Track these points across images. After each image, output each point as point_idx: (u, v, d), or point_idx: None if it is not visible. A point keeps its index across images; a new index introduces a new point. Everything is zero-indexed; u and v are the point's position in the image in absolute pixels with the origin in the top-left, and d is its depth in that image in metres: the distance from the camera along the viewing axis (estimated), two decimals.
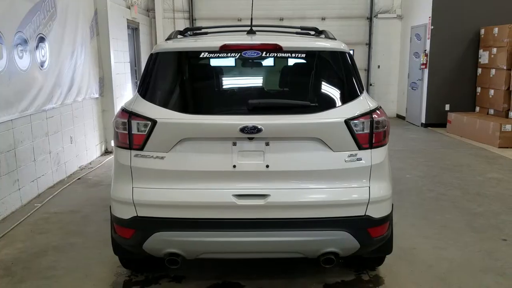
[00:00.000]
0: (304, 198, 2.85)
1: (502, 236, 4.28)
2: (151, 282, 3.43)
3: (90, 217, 4.79)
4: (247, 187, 2.82)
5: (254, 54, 2.96)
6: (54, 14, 5.87)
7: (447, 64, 10.14)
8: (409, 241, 4.12)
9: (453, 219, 4.70)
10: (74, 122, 6.60)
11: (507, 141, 8.19)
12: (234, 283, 3.40)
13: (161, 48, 3.11)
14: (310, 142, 2.84)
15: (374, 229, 2.91)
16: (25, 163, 5.17)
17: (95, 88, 7.39)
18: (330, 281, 3.44)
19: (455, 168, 6.80)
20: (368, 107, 2.90)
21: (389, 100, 12.11)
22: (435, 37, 10.04)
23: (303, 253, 2.97)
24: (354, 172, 2.86)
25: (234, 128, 2.74)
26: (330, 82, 3.15)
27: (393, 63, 12.06)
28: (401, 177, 6.25)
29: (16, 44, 4.88)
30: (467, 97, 10.15)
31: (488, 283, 3.42)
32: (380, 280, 3.47)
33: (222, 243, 2.87)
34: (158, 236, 2.83)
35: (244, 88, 3.39)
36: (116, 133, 2.94)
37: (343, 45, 3.14)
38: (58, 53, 5.98)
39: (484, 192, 5.61)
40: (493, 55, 9.35)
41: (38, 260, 3.81)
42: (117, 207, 2.95)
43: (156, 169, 2.83)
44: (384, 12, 11.72)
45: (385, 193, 2.95)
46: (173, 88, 3.12)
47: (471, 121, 9.06)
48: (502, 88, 8.95)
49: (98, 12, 7.48)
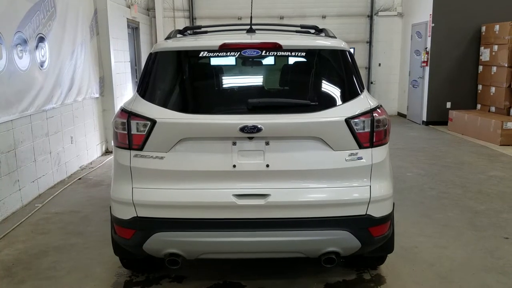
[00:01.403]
0: (305, 197, 2.84)
1: (504, 234, 4.26)
2: (152, 282, 3.42)
3: (90, 217, 4.79)
4: (247, 187, 2.81)
5: (253, 53, 2.94)
6: (54, 13, 5.86)
7: (448, 62, 10.11)
8: (411, 240, 4.11)
9: (454, 218, 4.69)
10: (75, 122, 6.60)
11: (509, 138, 8.16)
12: (235, 283, 3.39)
13: (160, 48, 3.09)
14: (311, 141, 2.83)
15: (375, 228, 2.90)
16: (26, 163, 5.16)
17: (95, 87, 7.38)
18: (331, 280, 3.43)
19: (457, 166, 6.78)
20: (369, 106, 2.88)
21: (390, 98, 12.10)
22: (436, 34, 10.00)
23: (304, 253, 2.96)
24: (355, 171, 2.85)
25: (234, 128, 2.73)
26: (330, 80, 3.13)
27: (394, 61, 12.03)
28: (402, 175, 6.24)
29: (15, 44, 4.87)
30: (468, 95, 10.13)
31: (490, 282, 3.41)
32: (381, 279, 3.46)
33: (222, 243, 2.86)
34: (158, 236, 2.82)
35: (244, 87, 3.38)
36: (115, 133, 2.93)
37: (343, 43, 3.12)
38: (58, 53, 5.97)
39: (486, 190, 5.59)
40: (494, 52, 9.32)
41: (39, 260, 3.80)
42: (117, 207, 2.94)
43: (155, 169, 2.82)
44: (384, 10, 11.70)
45: (386, 192, 2.93)
46: (172, 87, 3.11)
47: (472, 119, 9.04)
48: (504, 85, 8.93)
49: (98, 11, 7.47)
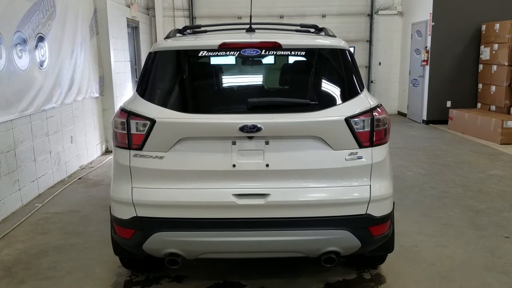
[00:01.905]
0: (305, 197, 2.83)
1: (504, 233, 4.25)
2: (152, 282, 3.42)
3: (90, 217, 4.78)
4: (247, 186, 2.80)
5: (253, 52, 2.93)
6: (53, 13, 5.85)
7: (448, 61, 10.10)
8: (411, 239, 4.10)
9: (455, 217, 4.68)
10: (75, 122, 6.59)
11: (509, 137, 8.15)
12: (235, 283, 3.39)
13: (159, 47, 3.08)
14: (310, 141, 2.82)
15: (375, 228, 2.89)
16: (25, 163, 5.16)
17: (95, 87, 7.37)
18: (331, 280, 3.42)
19: (457, 165, 6.77)
20: (369, 105, 2.87)
21: (390, 97, 12.09)
22: (436, 33, 9.99)
23: (304, 252, 2.95)
24: (355, 171, 2.84)
25: (234, 127, 2.72)
26: (330, 80, 3.12)
27: (394, 60, 12.02)
28: (402, 174, 6.23)
29: (15, 43, 4.87)
30: (469, 94, 10.12)
31: (491, 281, 3.40)
32: (382, 278, 3.45)
33: (222, 243, 2.85)
34: (158, 236, 2.81)
35: (244, 86, 3.37)
36: (115, 133, 2.92)
37: (342, 42, 3.11)
38: (58, 53, 5.96)
39: (486, 189, 5.58)
40: (494, 51, 9.31)
41: (39, 260, 3.80)
42: (117, 207, 2.93)
43: (155, 169, 2.81)
44: (384, 9, 11.68)
45: (386, 191, 2.92)
46: (172, 87, 3.10)
47: (473, 118, 9.03)
48: (504, 84, 8.92)
49: (97, 11, 7.46)
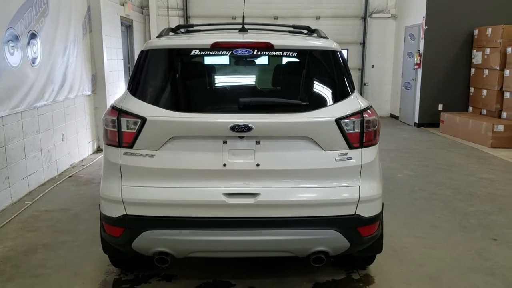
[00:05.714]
0: (294, 197, 2.85)
1: (492, 236, 4.30)
2: (141, 281, 3.41)
3: (80, 215, 4.76)
4: (238, 185, 2.81)
5: (245, 52, 2.94)
6: (46, 10, 5.83)
7: (441, 64, 10.18)
8: (400, 241, 4.13)
9: (444, 219, 4.72)
10: (66, 120, 6.56)
11: (499, 141, 8.23)
12: (225, 282, 3.39)
13: (152, 45, 3.08)
14: (301, 141, 2.83)
15: (364, 228, 2.91)
16: (16, 160, 5.13)
17: (88, 85, 7.34)
18: (320, 280, 3.44)
19: (447, 168, 6.82)
20: (359, 107, 2.89)
21: (383, 99, 12.15)
22: (429, 37, 10.07)
23: (293, 252, 2.96)
24: (345, 171, 2.86)
25: (225, 127, 2.73)
26: (321, 81, 3.14)
27: (387, 63, 12.09)
28: (393, 176, 6.26)
29: (7, 40, 4.84)
30: (460, 97, 10.21)
31: (478, 283, 3.43)
32: (370, 279, 3.47)
33: (212, 242, 2.86)
34: (147, 234, 2.81)
35: (235, 86, 3.38)
36: (105, 131, 2.91)
37: (334, 44, 3.13)
38: (50, 50, 5.93)
39: (476, 192, 5.63)
40: (486, 55, 9.39)
41: (28, 258, 3.78)
42: (106, 205, 2.93)
43: (145, 167, 2.81)
44: (378, 12, 11.75)
45: (375, 192, 2.95)
46: (163, 85, 3.10)
47: (464, 121, 9.10)
48: (495, 88, 9.00)
49: (91, 8, 7.44)
